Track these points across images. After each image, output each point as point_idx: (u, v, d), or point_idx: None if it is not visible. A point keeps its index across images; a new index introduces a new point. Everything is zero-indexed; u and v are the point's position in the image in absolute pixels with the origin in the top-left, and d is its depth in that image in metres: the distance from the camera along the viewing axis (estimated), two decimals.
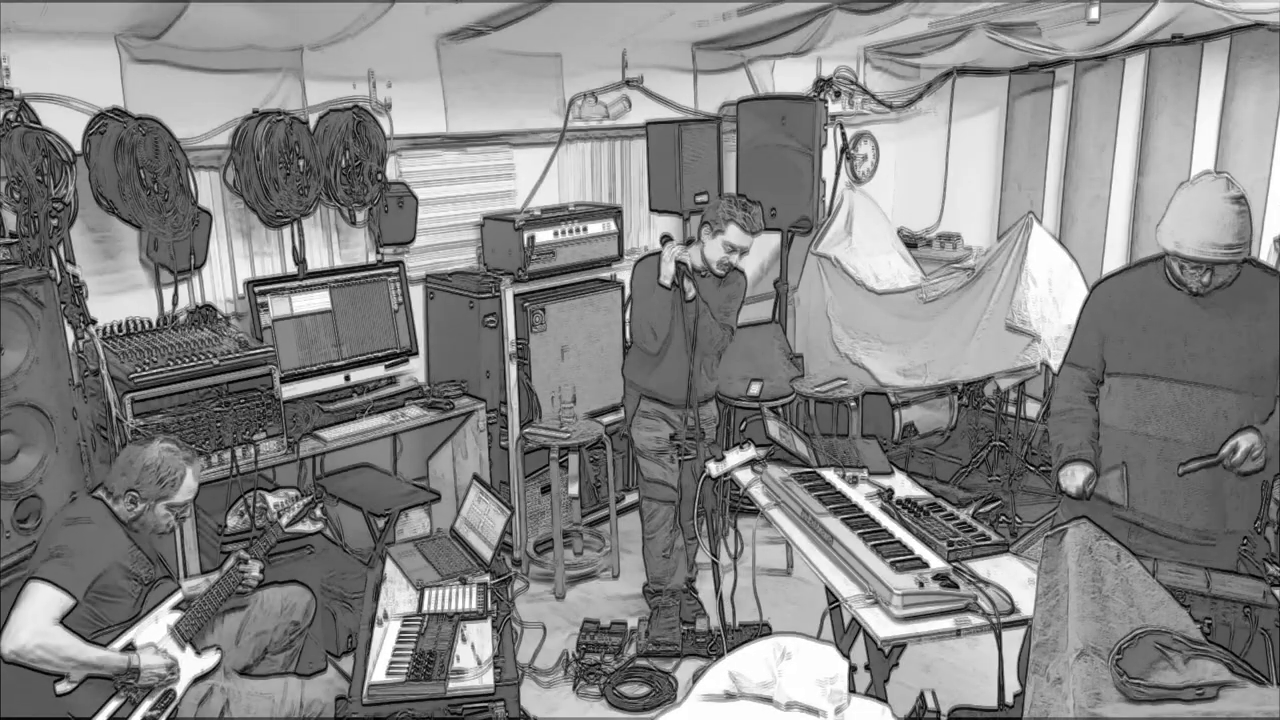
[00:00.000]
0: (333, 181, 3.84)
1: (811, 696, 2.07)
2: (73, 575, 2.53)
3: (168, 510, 2.78)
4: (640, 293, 3.85)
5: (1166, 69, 5.30)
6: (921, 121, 6.51)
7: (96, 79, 3.37)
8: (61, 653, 2.45)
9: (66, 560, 2.55)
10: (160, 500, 2.75)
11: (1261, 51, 4.95)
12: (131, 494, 2.73)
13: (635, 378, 3.99)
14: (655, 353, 3.81)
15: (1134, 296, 2.79)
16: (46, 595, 2.48)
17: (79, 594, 2.53)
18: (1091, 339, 2.90)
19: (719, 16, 4.49)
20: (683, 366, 3.76)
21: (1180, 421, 2.70)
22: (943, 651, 3.77)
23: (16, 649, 2.41)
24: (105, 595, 2.62)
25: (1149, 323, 2.74)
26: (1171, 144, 5.33)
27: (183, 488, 2.78)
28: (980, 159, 6.33)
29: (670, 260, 3.62)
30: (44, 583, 2.50)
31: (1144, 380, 2.75)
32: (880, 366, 5.36)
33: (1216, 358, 2.64)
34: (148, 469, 2.73)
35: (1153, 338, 2.73)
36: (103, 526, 2.69)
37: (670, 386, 3.85)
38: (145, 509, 2.75)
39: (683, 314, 3.63)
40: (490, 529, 3.43)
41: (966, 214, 6.42)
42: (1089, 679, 1.81)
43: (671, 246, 3.68)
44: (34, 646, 2.42)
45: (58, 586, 2.50)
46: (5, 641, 2.42)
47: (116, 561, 2.66)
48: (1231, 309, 2.64)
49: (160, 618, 2.72)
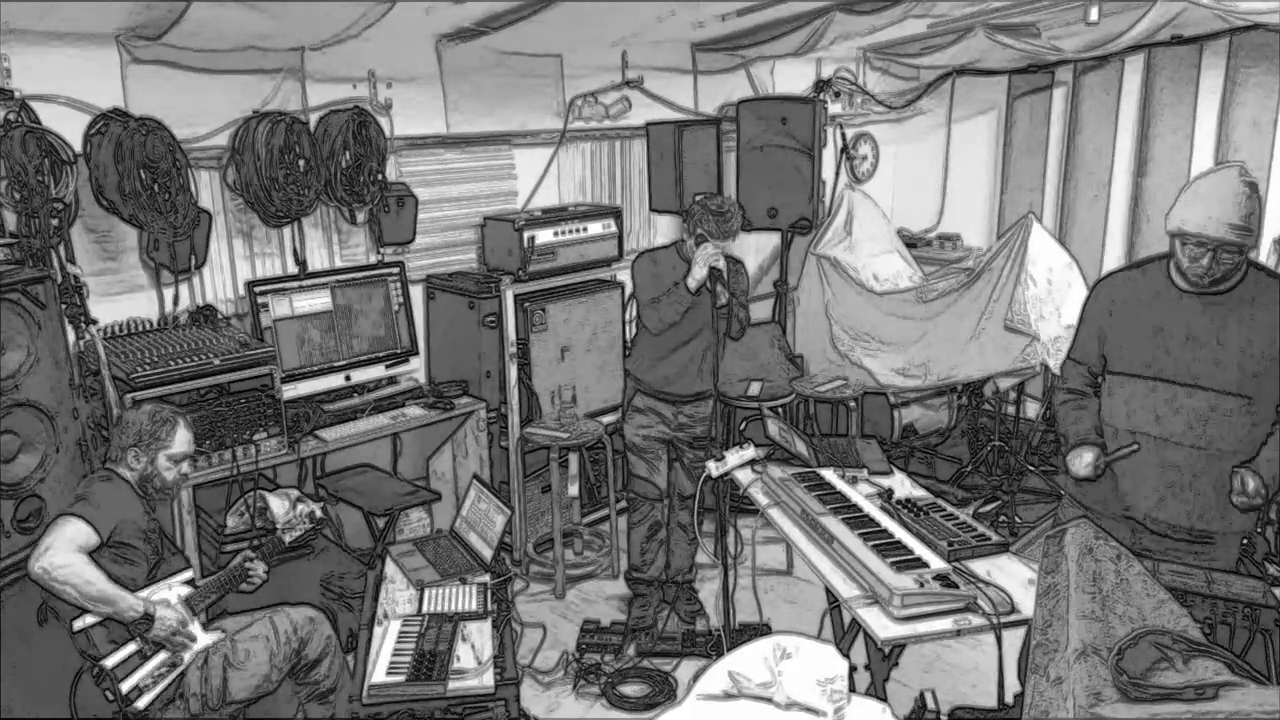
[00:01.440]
0: (333, 182, 3.85)
1: (811, 696, 2.08)
2: (99, 515, 2.64)
3: (170, 462, 2.86)
4: (645, 285, 3.75)
5: (1166, 69, 5.30)
6: (921, 122, 6.51)
7: (97, 80, 3.37)
8: (84, 576, 2.54)
9: (93, 502, 2.67)
10: (160, 451, 2.84)
11: (1261, 51, 4.95)
12: (134, 450, 2.82)
13: (638, 370, 3.94)
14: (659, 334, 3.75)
15: (1137, 296, 2.79)
16: (75, 526, 2.60)
17: (104, 533, 2.63)
18: (1092, 335, 2.91)
19: (719, 17, 4.49)
20: (692, 361, 3.77)
21: (1181, 423, 2.70)
22: (943, 651, 3.77)
23: (45, 566, 2.51)
24: (120, 551, 2.70)
25: (1151, 324, 2.74)
26: (1171, 144, 5.33)
27: (178, 436, 2.87)
28: (980, 159, 6.33)
29: (704, 265, 3.51)
30: (72, 516, 2.61)
31: (1146, 382, 2.75)
32: (880, 367, 5.36)
33: (1219, 360, 2.64)
34: (142, 423, 2.84)
35: (1155, 339, 2.72)
36: (120, 485, 2.80)
37: (675, 380, 3.84)
38: (148, 463, 2.83)
39: (714, 317, 3.53)
40: (490, 529, 3.43)
41: (966, 214, 6.42)
42: (1089, 679, 1.81)
43: (705, 249, 3.54)
44: (60, 565, 2.52)
45: (85, 520, 2.61)
46: (34, 559, 2.52)
47: (134, 518, 2.75)
48: (1234, 311, 2.63)
49: (173, 587, 2.80)
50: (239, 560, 2.99)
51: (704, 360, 3.76)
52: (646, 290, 3.72)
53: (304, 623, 2.93)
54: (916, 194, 6.63)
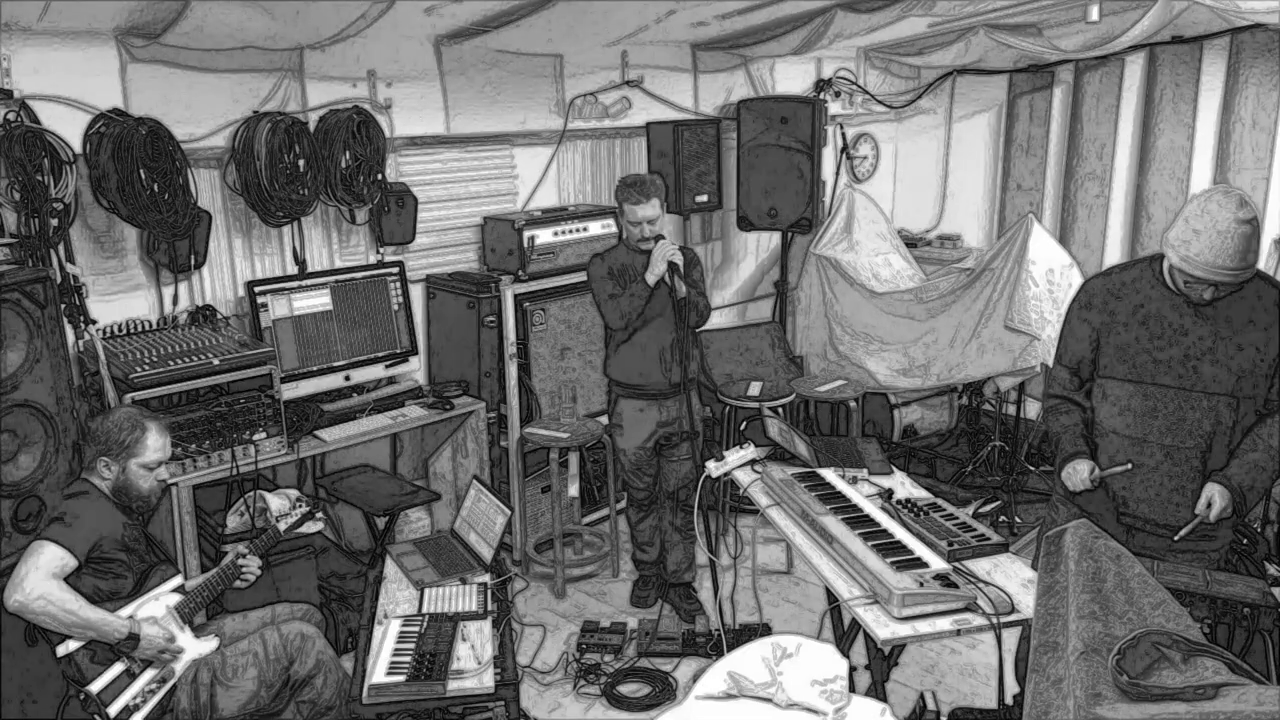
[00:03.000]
0: (333, 181, 3.85)
1: (811, 697, 2.08)
2: (73, 536, 2.58)
3: (143, 470, 2.81)
4: (601, 282, 3.88)
5: (1166, 69, 5.30)
6: (921, 121, 6.51)
7: (97, 79, 3.37)
8: (64, 606, 2.49)
9: (67, 522, 2.61)
10: (131, 459, 2.79)
11: (1261, 51, 4.95)
12: (104, 459, 2.77)
13: (618, 374, 3.99)
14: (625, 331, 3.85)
15: (1128, 298, 2.76)
16: (50, 552, 2.54)
17: (80, 555, 2.58)
18: (1080, 337, 2.86)
19: (719, 17, 4.49)
20: (662, 352, 3.84)
21: (1174, 426, 2.68)
22: (943, 651, 3.77)
23: (22, 600, 2.45)
24: (103, 567, 2.66)
25: (1143, 326, 2.72)
26: (1171, 144, 5.33)
27: (149, 443, 2.82)
28: (980, 159, 6.33)
29: (662, 260, 3.68)
30: (47, 541, 2.56)
31: (1138, 385, 2.73)
32: (880, 367, 5.36)
33: (1213, 363, 2.63)
34: (110, 430, 2.79)
35: (1147, 342, 2.71)
36: (96, 498, 2.75)
37: (649, 373, 3.89)
38: (119, 472, 2.79)
39: (675, 310, 3.71)
40: (490, 529, 3.43)
41: (966, 214, 6.42)
42: (1089, 679, 1.81)
43: (663, 245, 3.72)
44: (37, 598, 2.46)
45: (60, 545, 2.55)
46: (9, 592, 2.47)
47: (112, 532, 2.70)
48: (1228, 315, 2.62)
49: (160, 597, 2.76)
50: (231, 557, 2.98)
51: (672, 351, 3.83)
52: (604, 287, 3.86)
53: (294, 639, 2.84)
54: (916, 194, 6.63)
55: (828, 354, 5.57)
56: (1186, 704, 1.71)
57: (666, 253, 3.69)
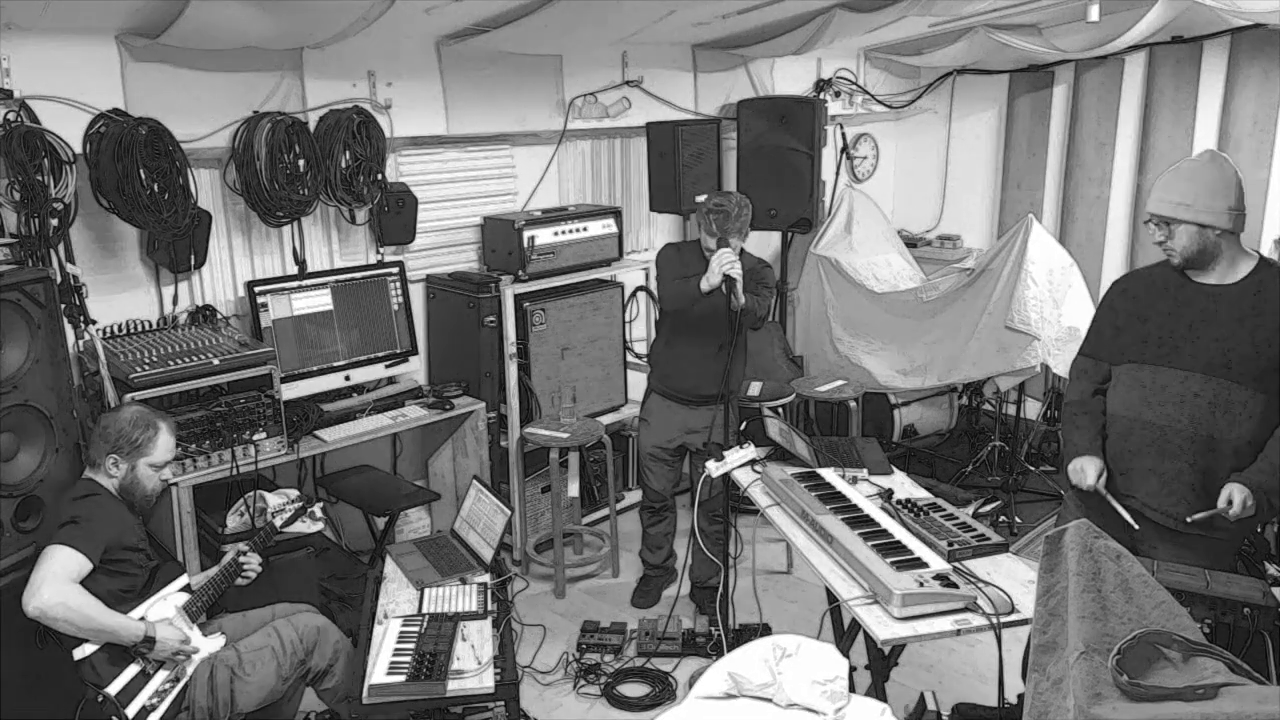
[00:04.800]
0: (333, 181, 3.85)
1: (811, 697, 2.08)
2: (88, 539, 2.56)
3: (151, 470, 2.81)
4: (665, 269, 3.86)
5: (1166, 69, 5.30)
6: (921, 121, 6.51)
7: (96, 79, 3.37)
8: (83, 611, 2.47)
9: (80, 525, 2.58)
10: (141, 458, 2.78)
11: (1261, 51, 4.95)
12: (113, 457, 2.76)
13: (656, 368, 4.03)
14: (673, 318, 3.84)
15: (1147, 288, 2.84)
16: (65, 556, 2.51)
17: (95, 558, 2.56)
18: (1105, 328, 2.94)
19: (719, 17, 4.49)
20: (704, 359, 3.79)
21: (1178, 408, 2.71)
22: (943, 652, 3.77)
23: (41, 606, 2.43)
24: (116, 567, 2.66)
25: (1156, 310, 2.78)
26: (1171, 143, 5.33)
27: (160, 443, 2.81)
28: (980, 159, 6.33)
29: (718, 273, 3.50)
30: (61, 545, 2.53)
31: (1145, 367, 2.78)
32: (880, 367, 5.35)
33: (1221, 348, 2.66)
34: (122, 428, 2.77)
35: (1156, 325, 2.77)
36: (106, 499, 2.73)
37: (686, 375, 3.87)
38: (128, 471, 2.77)
39: (729, 320, 3.61)
40: (490, 529, 3.43)
41: (966, 214, 6.42)
42: (1089, 679, 1.81)
43: (722, 254, 3.52)
44: (56, 603, 2.44)
45: (74, 548, 2.53)
46: (28, 598, 2.44)
47: (123, 532, 2.69)
48: (1241, 302, 2.66)
49: (169, 597, 2.76)
50: (232, 555, 2.98)
51: (715, 361, 3.77)
52: (666, 272, 3.84)
53: (310, 632, 2.86)
54: (917, 194, 6.63)
55: (828, 354, 5.57)
56: (1186, 704, 1.71)
57: (724, 263, 3.48)
